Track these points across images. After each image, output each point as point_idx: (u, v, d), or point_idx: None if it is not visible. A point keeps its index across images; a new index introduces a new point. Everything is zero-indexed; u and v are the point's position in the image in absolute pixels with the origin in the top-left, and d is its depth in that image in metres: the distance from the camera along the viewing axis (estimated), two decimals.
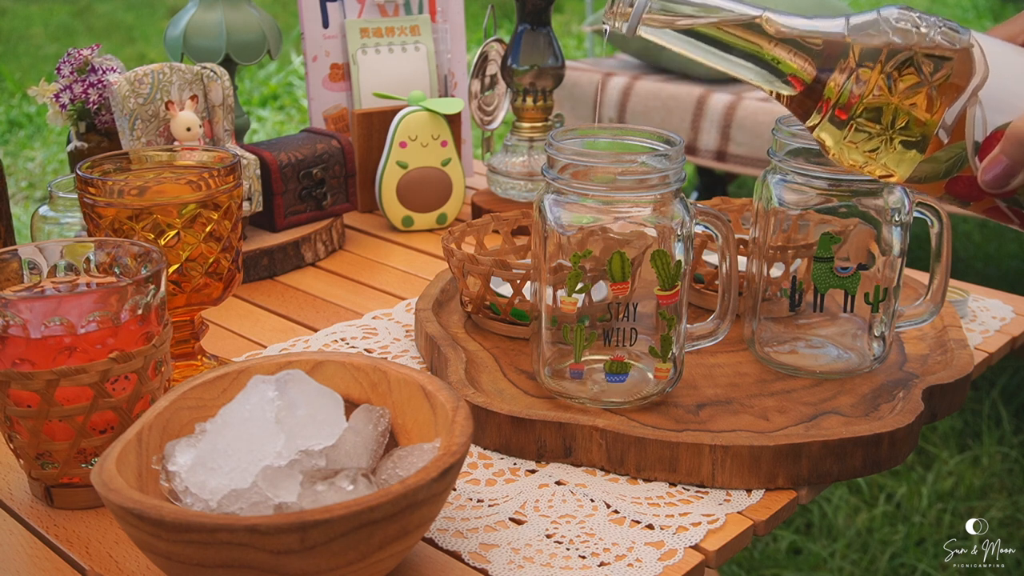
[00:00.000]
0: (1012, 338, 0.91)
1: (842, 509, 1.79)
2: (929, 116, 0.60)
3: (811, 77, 0.62)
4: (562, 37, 4.96)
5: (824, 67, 0.61)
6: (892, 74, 0.60)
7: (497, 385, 0.78)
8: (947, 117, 0.59)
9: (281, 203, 1.09)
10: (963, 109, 0.59)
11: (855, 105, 0.61)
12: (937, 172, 0.62)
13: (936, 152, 0.61)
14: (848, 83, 0.61)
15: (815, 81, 0.62)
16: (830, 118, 0.62)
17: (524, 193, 1.20)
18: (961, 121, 0.60)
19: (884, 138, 0.61)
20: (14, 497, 0.67)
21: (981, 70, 0.60)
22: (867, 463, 0.68)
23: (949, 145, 0.60)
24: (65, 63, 1.04)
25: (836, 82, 0.61)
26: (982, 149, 0.60)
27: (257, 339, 0.91)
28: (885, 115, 0.60)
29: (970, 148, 0.60)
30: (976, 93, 0.59)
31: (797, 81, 0.63)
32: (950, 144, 0.60)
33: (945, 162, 0.61)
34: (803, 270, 0.79)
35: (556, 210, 0.71)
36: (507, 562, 0.60)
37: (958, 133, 0.60)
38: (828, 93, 0.62)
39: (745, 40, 0.63)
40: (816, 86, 0.62)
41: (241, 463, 0.58)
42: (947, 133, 0.60)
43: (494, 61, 1.25)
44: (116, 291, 0.62)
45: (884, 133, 0.61)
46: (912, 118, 0.60)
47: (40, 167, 3.59)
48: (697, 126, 2.33)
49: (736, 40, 0.63)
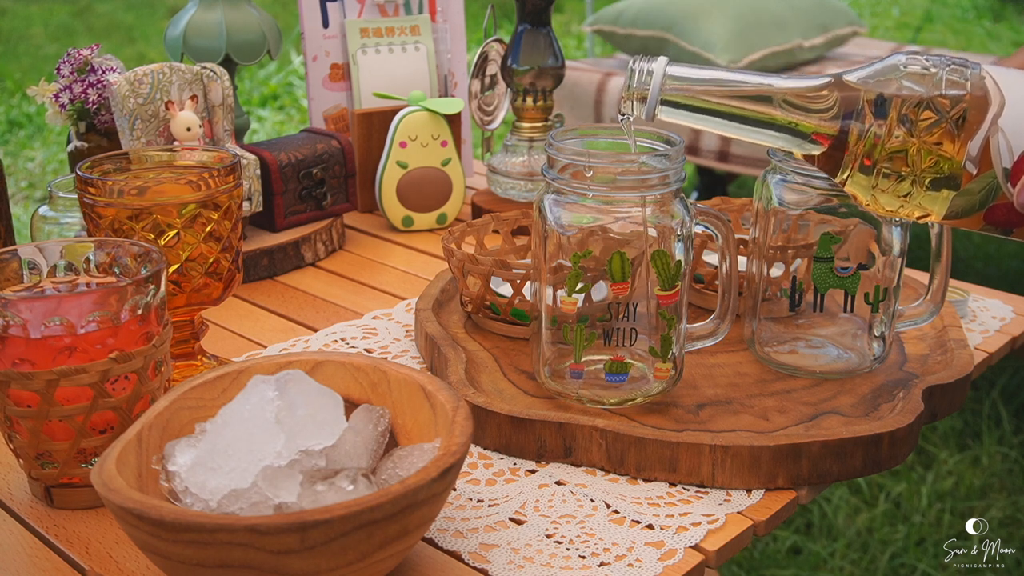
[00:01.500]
0: (1012, 338, 0.91)
1: (842, 509, 1.79)
2: (953, 152, 0.61)
3: (834, 130, 0.63)
4: (562, 37, 4.96)
5: (845, 117, 0.63)
6: (910, 116, 0.61)
7: (497, 385, 0.78)
8: (971, 149, 0.61)
9: (281, 203, 1.09)
10: (986, 139, 0.60)
11: (878, 150, 0.62)
12: (973, 204, 0.63)
13: (968, 185, 0.61)
14: (869, 131, 0.62)
15: (839, 133, 0.63)
16: (858, 168, 0.63)
17: (524, 193, 1.20)
18: (986, 151, 0.61)
19: (913, 179, 0.62)
20: (14, 497, 0.67)
21: (997, 99, 0.61)
22: (867, 463, 0.68)
23: (979, 176, 0.61)
24: (65, 63, 1.04)
25: (857, 132, 0.62)
26: (1012, 174, 0.61)
27: (257, 339, 0.91)
28: (910, 157, 0.62)
29: (1000, 175, 0.61)
30: (996, 122, 0.60)
31: (822, 138, 0.64)
32: (980, 175, 0.61)
33: (979, 193, 0.62)
34: (803, 270, 0.79)
35: (556, 210, 0.71)
36: (507, 562, 0.60)
37: (985, 163, 0.61)
38: (851, 143, 0.63)
39: (762, 112, 0.65)
40: (841, 137, 0.63)
41: (241, 463, 0.58)
42: (975, 165, 0.61)
43: (494, 61, 1.25)
44: (116, 291, 0.62)
45: (912, 174, 0.62)
46: (937, 156, 0.61)
47: (40, 167, 3.59)
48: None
49: (753, 113, 0.65)
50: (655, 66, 0.67)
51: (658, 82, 0.66)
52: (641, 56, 0.68)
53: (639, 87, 0.67)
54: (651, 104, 0.67)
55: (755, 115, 0.65)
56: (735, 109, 0.66)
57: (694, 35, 2.43)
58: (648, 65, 0.67)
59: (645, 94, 0.67)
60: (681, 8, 2.50)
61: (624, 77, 0.68)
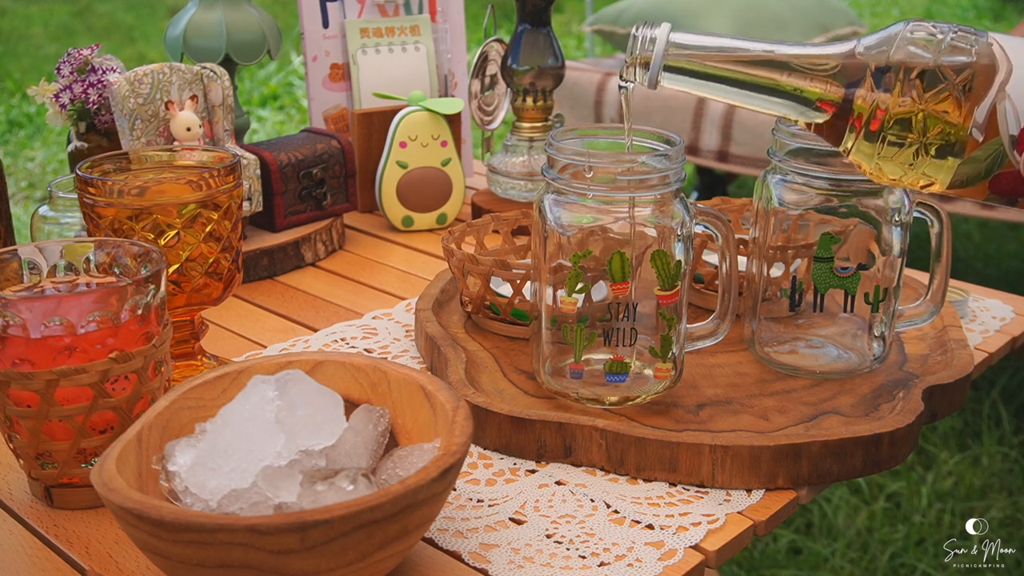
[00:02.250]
0: (1012, 338, 0.91)
1: (842, 509, 1.79)
2: (959, 119, 0.60)
3: (839, 96, 0.62)
4: (562, 37, 4.96)
5: (850, 85, 0.62)
6: (916, 82, 0.60)
7: (497, 385, 0.78)
8: (978, 116, 0.60)
9: (281, 203, 1.09)
10: (992, 105, 0.59)
11: (884, 117, 0.61)
12: (978, 172, 0.62)
13: (974, 152, 0.61)
14: (874, 98, 0.61)
15: (844, 100, 0.62)
16: (863, 135, 0.62)
17: (524, 193, 1.20)
18: (993, 118, 0.60)
19: (918, 147, 0.61)
20: (14, 497, 0.67)
21: (1004, 65, 0.60)
22: (867, 463, 0.68)
23: (985, 143, 0.61)
24: (65, 63, 1.04)
25: (863, 98, 0.62)
26: (1019, 141, 0.60)
27: (257, 339, 0.91)
28: (915, 124, 0.61)
29: (1007, 142, 0.60)
30: (1003, 88, 0.59)
31: (826, 104, 0.63)
32: (986, 142, 0.60)
33: (984, 161, 0.61)
34: (803, 270, 0.79)
35: (556, 210, 0.71)
36: (507, 562, 0.60)
37: (992, 130, 0.60)
38: (857, 110, 0.62)
39: (766, 77, 0.64)
40: (845, 105, 0.62)
41: (241, 463, 0.58)
42: (980, 132, 0.60)
43: (494, 61, 1.25)
44: (116, 291, 0.62)
45: (917, 142, 0.61)
46: (943, 123, 0.60)
47: (40, 167, 3.59)
48: (698, 126, 2.33)
49: (758, 78, 0.64)
50: (658, 32, 0.66)
51: (661, 48, 0.65)
52: (643, 23, 0.67)
53: (642, 53, 0.66)
54: (654, 70, 0.65)
55: (760, 81, 0.64)
56: (739, 75, 0.64)
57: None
58: (651, 32, 0.66)
59: (648, 60, 0.66)
60: (681, 8, 2.50)
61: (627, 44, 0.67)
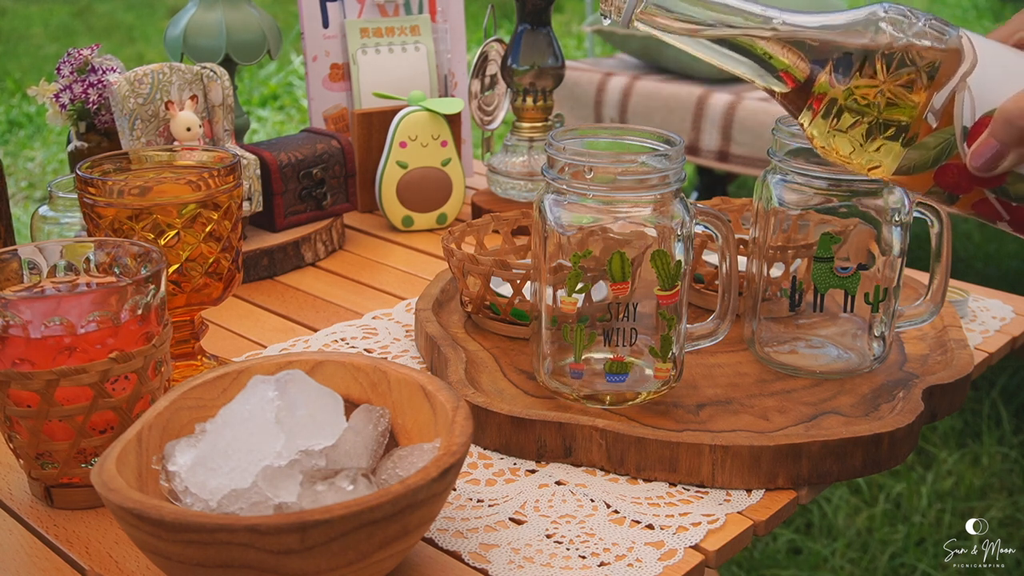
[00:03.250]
0: (1012, 338, 0.91)
1: (842, 509, 1.79)
2: (918, 101, 0.60)
3: (803, 74, 0.63)
4: (562, 37, 4.96)
5: (816, 62, 0.62)
6: (880, 63, 0.60)
7: (497, 385, 0.78)
8: (935, 101, 0.60)
9: (281, 203, 1.09)
10: (952, 94, 0.60)
11: (844, 92, 0.61)
12: (926, 160, 0.62)
13: (925, 139, 0.61)
14: (838, 75, 0.61)
15: (807, 79, 0.63)
16: (821, 112, 0.63)
17: (524, 193, 1.20)
18: (949, 106, 0.60)
19: (872, 124, 0.61)
20: (14, 497, 0.67)
21: (970, 58, 0.61)
22: (867, 463, 0.68)
23: (937, 131, 0.61)
24: (65, 63, 1.04)
25: (826, 75, 0.62)
26: (971, 134, 0.60)
27: (257, 339, 0.91)
28: (873, 101, 0.61)
29: (959, 132, 0.61)
30: (965, 79, 0.60)
31: (789, 77, 0.63)
32: (938, 130, 0.61)
33: (934, 149, 0.61)
34: (803, 270, 0.79)
35: (556, 210, 0.71)
36: (507, 562, 0.60)
37: (946, 119, 0.61)
38: (819, 88, 0.62)
39: (740, 36, 0.64)
40: (807, 83, 0.63)
41: (241, 463, 0.58)
42: (936, 118, 0.60)
43: (494, 61, 1.25)
44: (116, 291, 0.62)
45: (873, 119, 0.61)
46: (901, 104, 0.61)
47: (40, 167, 3.59)
48: (698, 126, 2.33)
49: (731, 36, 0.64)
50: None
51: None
52: None
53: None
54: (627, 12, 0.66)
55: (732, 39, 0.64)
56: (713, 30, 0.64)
57: None
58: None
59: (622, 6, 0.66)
60: None
61: None
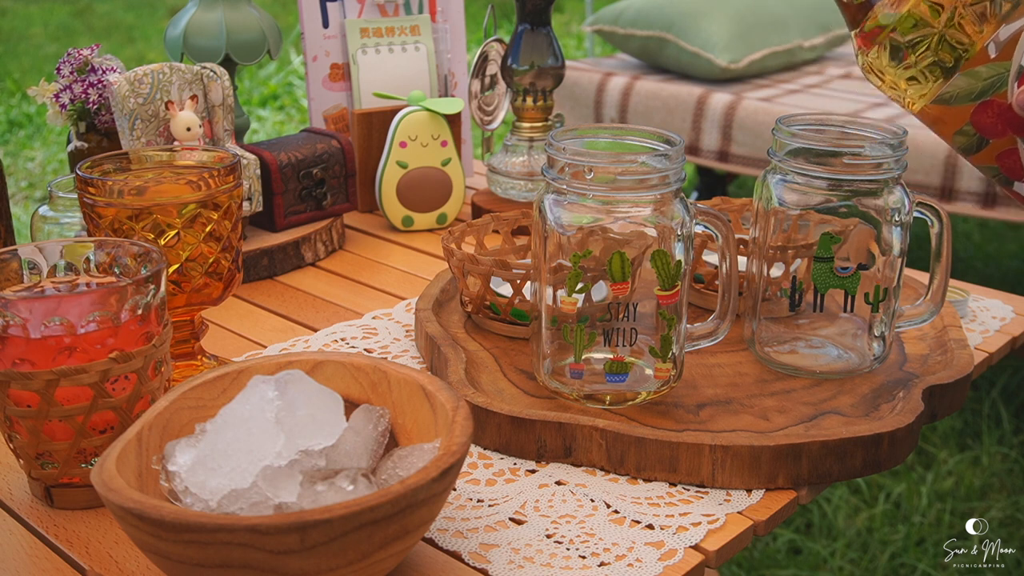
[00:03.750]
0: (1012, 338, 0.91)
1: (842, 509, 1.79)
2: (987, 27, 0.59)
3: None
4: (562, 37, 4.96)
5: None
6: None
7: (497, 385, 0.78)
8: (1002, 32, 0.59)
9: (281, 203, 1.09)
10: (1020, 30, 0.59)
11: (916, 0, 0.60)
12: (971, 91, 0.61)
13: (978, 67, 0.60)
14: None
15: None
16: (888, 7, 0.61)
17: (524, 193, 1.20)
18: (1013, 42, 0.59)
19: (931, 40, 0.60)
20: (14, 497, 0.67)
21: None
22: (867, 463, 0.68)
23: (993, 62, 0.60)
24: (65, 63, 1.04)
25: None
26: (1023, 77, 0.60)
27: (257, 339, 0.91)
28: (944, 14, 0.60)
29: (1014, 70, 0.60)
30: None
31: None
32: (995, 61, 0.60)
33: (984, 80, 0.61)
34: (803, 270, 0.79)
35: (556, 210, 0.71)
36: (507, 562, 0.60)
37: (1007, 52, 0.60)
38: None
39: None
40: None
41: (241, 463, 0.58)
42: (997, 48, 0.60)
43: (494, 61, 1.25)
44: (116, 291, 0.62)
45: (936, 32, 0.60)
46: (970, 23, 0.60)
47: (40, 167, 3.59)
48: (698, 126, 2.33)
49: None
50: None
51: None
52: None
53: None
54: None
55: None
56: None
57: (694, 35, 2.43)
58: None
59: None
60: (681, 8, 2.50)
61: None
